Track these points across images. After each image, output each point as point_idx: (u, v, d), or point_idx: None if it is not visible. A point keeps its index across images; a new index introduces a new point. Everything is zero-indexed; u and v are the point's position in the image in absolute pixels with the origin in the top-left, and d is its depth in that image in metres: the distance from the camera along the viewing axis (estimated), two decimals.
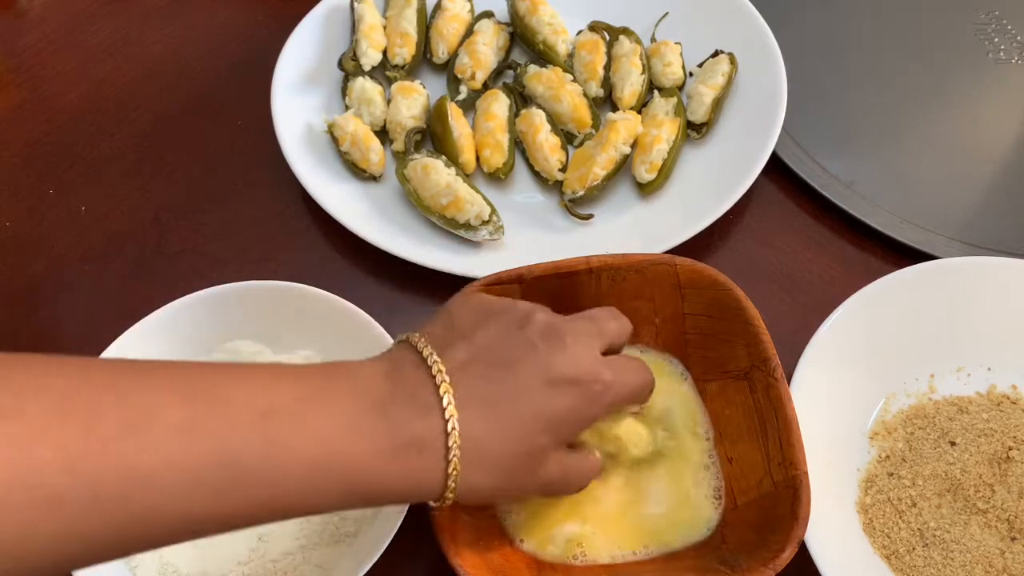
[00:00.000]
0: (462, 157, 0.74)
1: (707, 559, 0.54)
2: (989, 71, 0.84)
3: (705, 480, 0.58)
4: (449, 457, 0.43)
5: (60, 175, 0.79)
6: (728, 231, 0.74)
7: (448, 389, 0.43)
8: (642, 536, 0.57)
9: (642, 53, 0.80)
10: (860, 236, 0.73)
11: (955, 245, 0.71)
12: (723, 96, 0.77)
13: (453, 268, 0.68)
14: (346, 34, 0.83)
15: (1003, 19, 0.87)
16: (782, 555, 0.50)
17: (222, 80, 0.85)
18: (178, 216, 0.76)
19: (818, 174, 0.76)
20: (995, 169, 0.78)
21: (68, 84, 0.85)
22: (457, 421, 0.43)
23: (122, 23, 0.90)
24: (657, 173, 0.73)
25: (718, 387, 0.60)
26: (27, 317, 0.71)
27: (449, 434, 0.43)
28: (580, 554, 0.56)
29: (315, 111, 0.79)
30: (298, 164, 0.74)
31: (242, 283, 0.63)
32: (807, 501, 0.51)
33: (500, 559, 0.54)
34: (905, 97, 0.82)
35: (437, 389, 0.43)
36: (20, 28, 0.90)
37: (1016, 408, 0.62)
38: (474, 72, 0.79)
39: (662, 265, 0.60)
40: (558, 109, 0.77)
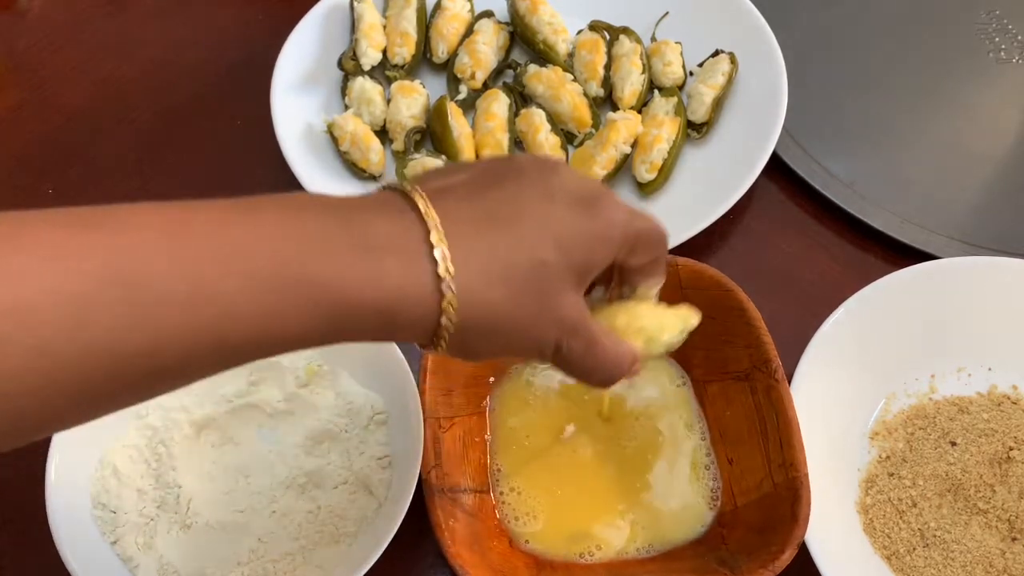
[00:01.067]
0: (462, 157, 0.74)
1: (707, 560, 0.54)
2: (990, 71, 0.84)
3: (703, 479, 0.58)
4: (435, 255, 0.35)
5: (60, 175, 0.79)
6: (728, 231, 0.74)
7: (423, 197, 0.36)
8: (641, 534, 0.57)
9: (642, 53, 0.80)
10: (860, 236, 0.73)
11: (955, 245, 0.71)
12: (723, 96, 0.77)
13: None
14: (346, 34, 0.83)
15: (1004, 19, 0.87)
16: (782, 556, 0.50)
17: (222, 80, 0.85)
18: None
19: (818, 174, 0.75)
20: (995, 169, 0.78)
21: (68, 84, 0.85)
22: (439, 223, 0.35)
23: (122, 23, 0.90)
24: (657, 173, 0.73)
25: (719, 388, 0.60)
26: None
27: (431, 232, 0.35)
28: (583, 553, 0.56)
29: (315, 111, 0.79)
30: (298, 164, 0.74)
31: None
32: (807, 502, 0.51)
33: (500, 559, 0.54)
34: (906, 97, 0.82)
35: (409, 197, 0.36)
36: (20, 28, 0.90)
37: (1017, 408, 0.62)
38: (474, 72, 0.79)
39: None
40: (558, 109, 0.77)
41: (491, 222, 0.37)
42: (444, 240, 0.35)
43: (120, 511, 0.57)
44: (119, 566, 0.55)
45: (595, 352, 0.41)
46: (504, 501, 0.58)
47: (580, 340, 0.40)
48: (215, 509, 0.58)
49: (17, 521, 0.61)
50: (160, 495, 0.58)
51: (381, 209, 0.36)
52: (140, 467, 0.59)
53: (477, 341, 0.38)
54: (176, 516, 0.58)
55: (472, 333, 0.37)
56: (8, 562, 0.60)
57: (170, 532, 0.57)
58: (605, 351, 0.41)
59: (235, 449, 0.61)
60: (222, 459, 0.60)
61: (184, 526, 0.57)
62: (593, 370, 0.41)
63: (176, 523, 0.57)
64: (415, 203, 0.36)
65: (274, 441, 0.61)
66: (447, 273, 0.35)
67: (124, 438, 0.60)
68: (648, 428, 0.60)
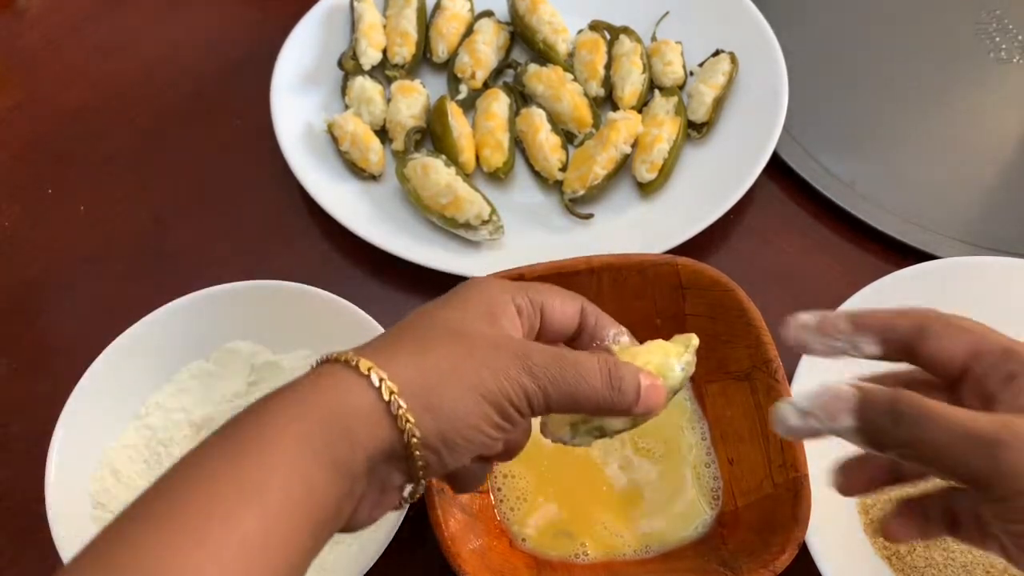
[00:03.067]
0: (462, 156, 0.74)
1: (707, 560, 0.54)
2: (990, 71, 0.84)
3: (703, 479, 0.58)
4: (390, 403, 0.36)
5: (60, 175, 0.79)
6: (729, 231, 0.73)
7: (367, 363, 0.37)
8: (641, 535, 0.57)
9: (643, 52, 0.80)
10: (861, 236, 0.73)
11: (956, 245, 0.71)
12: (724, 95, 0.77)
13: (453, 268, 0.68)
14: (346, 33, 0.83)
15: (1004, 19, 0.87)
16: (782, 557, 0.50)
17: (222, 80, 0.85)
18: (178, 216, 0.76)
19: (819, 174, 0.75)
20: (996, 169, 0.78)
21: (67, 84, 0.85)
22: (382, 373, 0.37)
23: (122, 23, 0.90)
24: (658, 173, 0.73)
25: (719, 388, 0.60)
26: (27, 317, 0.71)
27: (380, 387, 0.37)
28: (582, 553, 0.56)
29: (315, 110, 0.79)
30: (297, 163, 0.74)
31: (241, 283, 0.63)
32: (808, 503, 0.51)
33: (500, 559, 0.54)
34: (906, 97, 0.82)
35: (356, 368, 0.37)
36: (19, 28, 0.90)
37: None
38: (474, 71, 0.79)
39: (663, 265, 0.60)
40: (558, 108, 0.77)
41: (425, 343, 0.39)
42: (393, 387, 0.37)
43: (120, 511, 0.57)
44: None
45: (565, 362, 0.39)
46: (504, 501, 0.58)
47: (543, 355, 0.39)
48: None
49: (17, 521, 0.61)
50: None
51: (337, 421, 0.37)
52: (139, 467, 0.59)
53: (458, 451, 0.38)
54: None
55: (451, 454, 0.38)
56: (8, 562, 0.60)
57: None
58: (578, 359, 0.40)
59: None
60: None
61: None
62: (584, 383, 0.40)
63: None
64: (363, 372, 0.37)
65: None
66: (401, 411, 0.37)
67: (124, 438, 0.60)
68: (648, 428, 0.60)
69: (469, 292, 0.42)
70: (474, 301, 0.41)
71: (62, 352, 0.68)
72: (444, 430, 0.37)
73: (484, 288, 0.42)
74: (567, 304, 0.44)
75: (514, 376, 0.38)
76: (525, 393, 0.39)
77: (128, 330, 0.60)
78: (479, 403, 0.38)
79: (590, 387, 0.40)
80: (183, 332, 0.62)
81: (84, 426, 0.58)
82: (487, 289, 0.42)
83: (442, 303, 0.42)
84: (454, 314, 0.40)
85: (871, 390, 0.37)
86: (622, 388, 0.40)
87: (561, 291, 0.44)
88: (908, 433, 0.35)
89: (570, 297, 0.44)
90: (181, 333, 0.62)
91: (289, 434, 0.35)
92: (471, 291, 0.42)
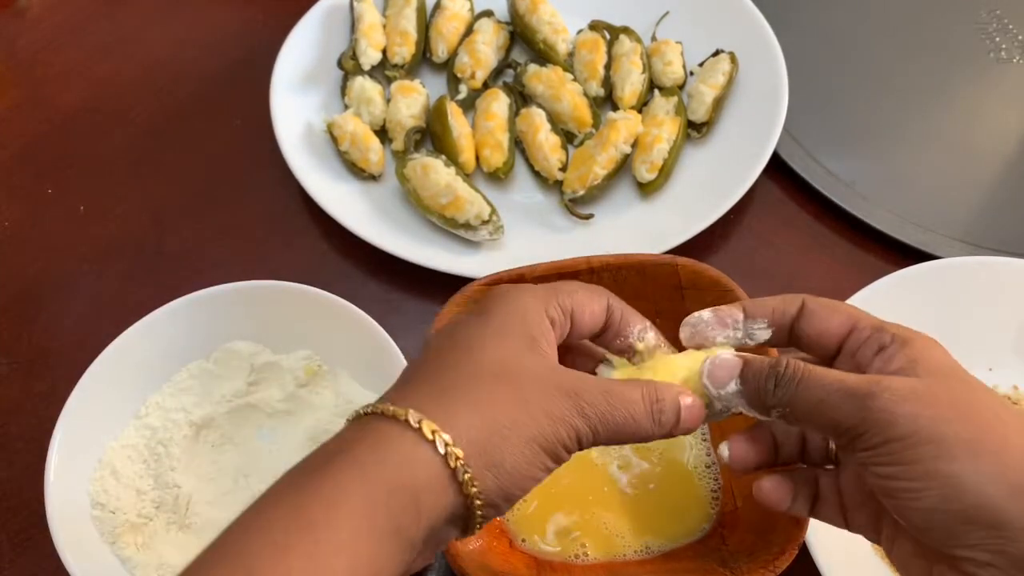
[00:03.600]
0: (462, 157, 0.74)
1: (707, 560, 0.54)
2: (990, 70, 0.84)
3: (703, 479, 0.58)
4: (456, 469, 0.37)
5: (59, 175, 0.79)
6: (729, 231, 0.73)
7: (431, 425, 0.37)
8: (641, 535, 0.56)
9: (642, 52, 0.80)
10: (861, 236, 0.73)
11: (956, 245, 0.71)
12: (724, 95, 0.77)
13: (453, 268, 0.68)
14: (345, 33, 0.83)
15: (1004, 18, 0.87)
16: (782, 557, 0.50)
17: (221, 80, 0.85)
18: (178, 216, 0.76)
19: (819, 174, 0.75)
20: (996, 169, 0.78)
21: (67, 84, 0.85)
22: (449, 440, 0.37)
23: (121, 23, 0.90)
24: (658, 173, 0.73)
25: None
26: (27, 317, 0.71)
27: (448, 456, 0.37)
28: (582, 553, 0.56)
29: (314, 110, 0.79)
30: (297, 164, 0.74)
31: (241, 283, 0.62)
32: None
33: (499, 559, 0.54)
34: (906, 96, 0.82)
35: (419, 430, 0.37)
36: (19, 28, 0.90)
37: (1017, 408, 0.62)
38: (474, 71, 0.79)
39: (663, 265, 0.60)
40: (558, 108, 0.77)
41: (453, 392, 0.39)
42: (459, 453, 0.37)
43: (119, 511, 0.57)
44: (118, 566, 0.55)
45: (614, 399, 0.40)
46: None
47: (593, 392, 0.40)
48: (214, 509, 0.58)
49: (17, 521, 0.61)
50: (159, 495, 0.58)
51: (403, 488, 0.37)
52: (139, 467, 0.59)
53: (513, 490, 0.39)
54: (175, 516, 0.58)
55: (509, 492, 0.38)
56: (7, 562, 0.60)
57: (169, 532, 0.57)
58: (624, 394, 0.40)
59: (234, 449, 0.61)
60: (221, 459, 0.60)
61: (183, 526, 0.57)
62: (630, 419, 0.40)
63: (175, 523, 0.57)
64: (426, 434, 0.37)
65: (274, 441, 0.61)
66: (466, 474, 0.37)
67: (123, 438, 0.60)
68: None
69: (507, 312, 0.41)
70: (512, 324, 0.41)
71: (62, 352, 0.68)
72: (505, 486, 0.38)
73: (519, 305, 0.42)
74: (594, 302, 0.44)
75: (568, 420, 0.39)
76: (577, 435, 0.39)
77: (128, 330, 0.60)
78: (537, 454, 0.38)
79: (636, 423, 0.40)
80: (183, 332, 0.62)
81: (84, 426, 0.58)
82: (522, 306, 0.42)
83: (479, 326, 0.41)
84: (498, 349, 0.40)
85: (753, 357, 0.41)
86: (662, 420, 0.41)
87: (587, 288, 0.44)
88: (787, 393, 0.39)
89: (596, 294, 0.45)
90: (181, 333, 0.62)
91: (354, 508, 0.35)
92: (507, 310, 0.42)
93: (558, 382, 0.39)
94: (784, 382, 0.39)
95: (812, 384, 0.38)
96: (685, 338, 0.44)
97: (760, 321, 0.43)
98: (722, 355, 0.42)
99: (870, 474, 0.38)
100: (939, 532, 0.37)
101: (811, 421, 0.39)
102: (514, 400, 0.38)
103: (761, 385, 0.40)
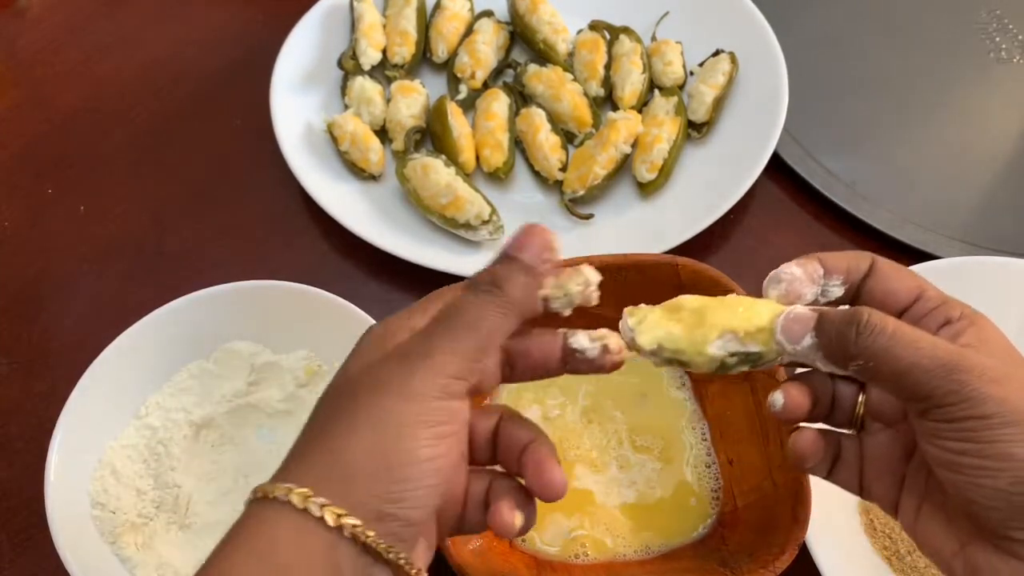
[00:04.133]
0: (462, 156, 0.74)
1: (707, 560, 0.54)
2: (991, 70, 0.84)
3: (703, 479, 0.58)
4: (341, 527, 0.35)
5: (59, 175, 0.79)
6: (729, 231, 0.73)
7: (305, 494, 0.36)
8: (641, 535, 0.56)
9: (643, 52, 0.80)
10: (861, 236, 0.73)
11: (956, 245, 0.71)
12: (724, 95, 0.77)
13: (453, 268, 0.68)
14: (345, 33, 0.83)
15: (1004, 18, 0.87)
16: (782, 557, 0.50)
17: (221, 80, 0.85)
18: (178, 216, 0.76)
19: (819, 174, 0.75)
20: (996, 169, 0.78)
21: (68, 84, 0.85)
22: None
23: (122, 23, 0.90)
24: (658, 173, 0.73)
25: (719, 388, 0.60)
26: (27, 317, 0.71)
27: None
28: (582, 553, 0.56)
29: (314, 110, 0.79)
30: (297, 164, 0.74)
31: (241, 283, 0.62)
32: (808, 504, 0.51)
33: (499, 559, 0.54)
34: (906, 96, 0.82)
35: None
36: (19, 28, 0.90)
37: None
38: (474, 71, 0.79)
39: (663, 265, 0.60)
40: (558, 108, 0.77)
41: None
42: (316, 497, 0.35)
43: (119, 511, 0.57)
44: (118, 566, 0.55)
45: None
46: None
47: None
48: (214, 509, 0.58)
49: (17, 521, 0.61)
50: (159, 495, 0.58)
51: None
52: (139, 467, 0.59)
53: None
54: (175, 516, 0.58)
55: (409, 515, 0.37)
56: (7, 562, 0.60)
57: (169, 532, 0.57)
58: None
59: (234, 449, 0.61)
60: (221, 459, 0.60)
61: (183, 526, 0.57)
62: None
63: (175, 523, 0.57)
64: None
65: (273, 441, 0.61)
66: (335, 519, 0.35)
67: (123, 438, 0.60)
68: (649, 429, 0.60)
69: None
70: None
71: (62, 352, 0.69)
72: (388, 511, 0.36)
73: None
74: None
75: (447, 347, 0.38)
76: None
77: (128, 330, 0.60)
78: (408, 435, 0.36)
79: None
80: (183, 332, 0.62)
81: (84, 426, 0.58)
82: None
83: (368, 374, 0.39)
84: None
85: (829, 310, 0.39)
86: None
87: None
88: (871, 343, 0.37)
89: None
90: (181, 333, 0.62)
91: None
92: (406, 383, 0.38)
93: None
94: (867, 331, 0.37)
95: (904, 343, 0.37)
96: (778, 295, 0.41)
97: (836, 277, 0.41)
98: (797, 309, 0.40)
99: (937, 446, 0.37)
100: (1002, 512, 0.37)
101: (893, 381, 0.37)
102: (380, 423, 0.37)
103: (842, 332, 0.38)
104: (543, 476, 0.40)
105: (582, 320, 0.43)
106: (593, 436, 0.60)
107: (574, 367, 0.41)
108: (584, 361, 0.41)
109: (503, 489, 0.41)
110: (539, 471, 0.40)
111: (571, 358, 0.41)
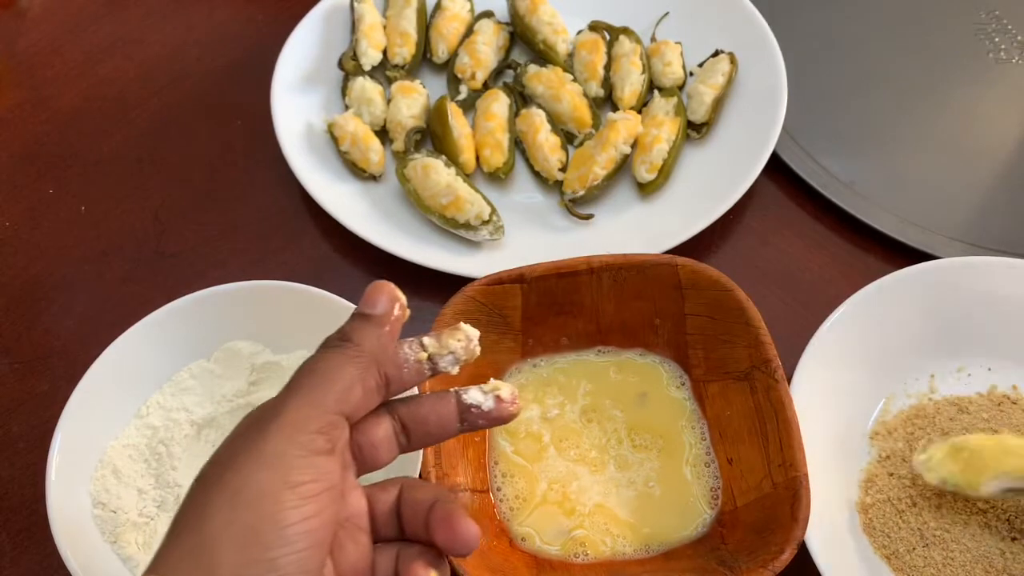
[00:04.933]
0: (462, 157, 0.74)
1: (706, 559, 0.54)
2: (990, 70, 0.84)
3: (703, 479, 0.58)
4: None
5: (60, 175, 0.79)
6: (728, 231, 0.74)
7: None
8: (640, 534, 0.57)
9: (642, 53, 0.80)
10: (860, 236, 0.73)
11: (955, 245, 0.71)
12: (723, 96, 0.77)
13: (453, 268, 0.68)
14: (346, 34, 0.83)
15: (1003, 18, 0.87)
16: (781, 556, 0.50)
17: (222, 80, 0.85)
18: (178, 216, 0.76)
19: (818, 174, 0.76)
20: (996, 169, 0.78)
21: (68, 84, 0.85)
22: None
23: (122, 23, 0.90)
24: (657, 173, 0.73)
25: (719, 388, 0.60)
26: (27, 317, 0.71)
27: None
28: (581, 553, 0.56)
29: (315, 111, 0.79)
30: (298, 164, 0.74)
31: (242, 283, 0.63)
32: (807, 503, 0.51)
33: (499, 558, 0.54)
34: (905, 96, 0.82)
35: None
36: (20, 28, 0.90)
37: (1016, 408, 0.62)
38: (474, 72, 0.79)
39: (663, 265, 0.60)
40: (558, 109, 0.77)
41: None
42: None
43: (120, 511, 0.57)
44: (119, 566, 0.55)
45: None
46: (503, 501, 0.58)
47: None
48: None
49: (18, 520, 0.61)
50: (160, 495, 0.58)
51: None
52: (140, 467, 0.59)
53: None
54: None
55: None
56: (8, 562, 0.60)
57: None
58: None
59: None
60: None
61: None
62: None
63: None
64: None
65: None
66: None
67: (124, 438, 0.60)
68: (648, 428, 0.60)
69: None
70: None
71: (62, 352, 0.69)
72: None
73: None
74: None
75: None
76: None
77: (129, 330, 0.60)
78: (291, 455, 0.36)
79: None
80: (183, 332, 0.62)
81: (84, 426, 0.58)
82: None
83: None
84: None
85: None
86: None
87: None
88: None
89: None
90: (181, 333, 0.62)
91: None
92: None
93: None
94: None
95: None
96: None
97: None
98: None
99: None
100: None
101: None
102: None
103: None
104: (454, 529, 0.38)
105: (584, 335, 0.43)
106: (592, 435, 0.60)
107: (471, 423, 0.41)
108: (481, 415, 0.41)
109: (413, 554, 0.40)
110: (449, 525, 0.39)
111: (467, 414, 0.41)
